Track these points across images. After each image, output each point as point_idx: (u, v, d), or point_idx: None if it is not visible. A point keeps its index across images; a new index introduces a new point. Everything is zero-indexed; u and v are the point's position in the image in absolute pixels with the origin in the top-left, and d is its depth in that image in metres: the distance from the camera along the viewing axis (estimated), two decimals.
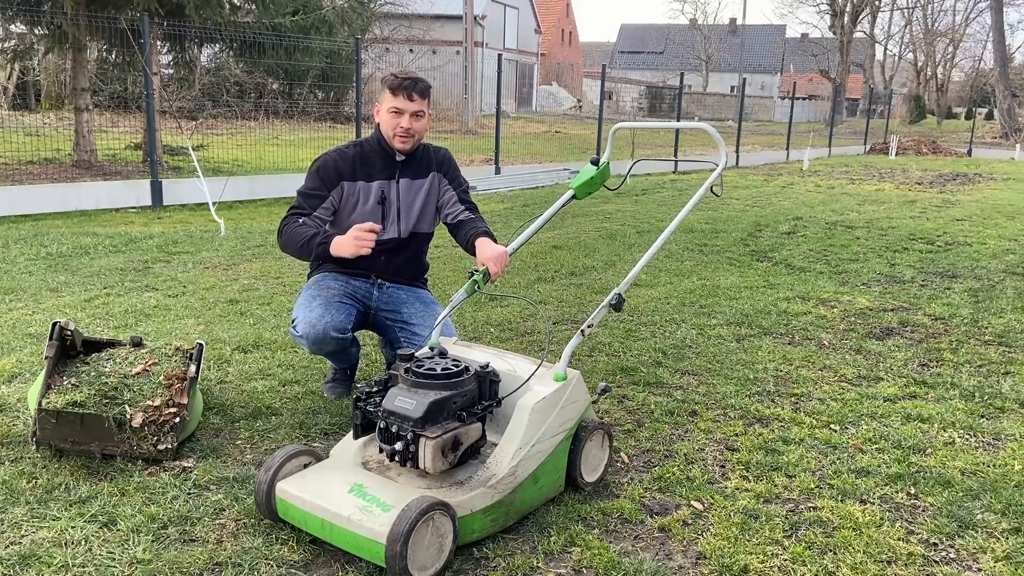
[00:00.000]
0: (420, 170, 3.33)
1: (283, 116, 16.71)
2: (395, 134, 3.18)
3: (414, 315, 3.33)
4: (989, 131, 35.29)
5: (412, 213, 3.34)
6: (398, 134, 3.17)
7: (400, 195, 3.29)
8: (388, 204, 3.27)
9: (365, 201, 3.24)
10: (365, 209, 3.23)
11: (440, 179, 3.38)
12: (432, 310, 3.38)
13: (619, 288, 2.72)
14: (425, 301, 3.43)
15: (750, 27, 57.51)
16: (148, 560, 2.20)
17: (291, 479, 2.35)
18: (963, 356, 4.23)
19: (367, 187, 3.23)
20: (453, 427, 2.31)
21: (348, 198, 3.22)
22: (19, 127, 11.90)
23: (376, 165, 3.25)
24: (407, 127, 3.16)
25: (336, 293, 3.24)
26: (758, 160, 19.36)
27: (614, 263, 6.38)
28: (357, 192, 3.22)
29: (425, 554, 2.11)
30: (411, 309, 3.35)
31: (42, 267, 5.60)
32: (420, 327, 3.27)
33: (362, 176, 3.23)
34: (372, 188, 3.24)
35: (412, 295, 3.42)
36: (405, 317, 3.33)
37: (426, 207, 3.37)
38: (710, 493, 2.68)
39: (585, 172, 3.18)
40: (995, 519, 2.56)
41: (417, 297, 3.42)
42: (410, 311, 3.35)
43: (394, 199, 3.28)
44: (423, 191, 3.34)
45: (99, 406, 2.73)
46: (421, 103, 3.16)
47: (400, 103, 3.12)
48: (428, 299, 3.47)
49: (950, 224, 9.14)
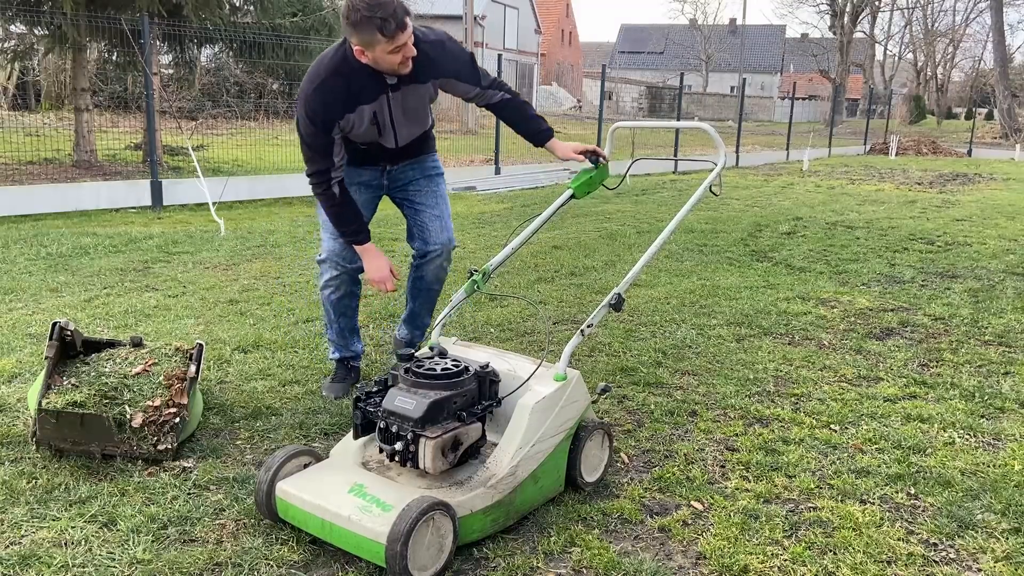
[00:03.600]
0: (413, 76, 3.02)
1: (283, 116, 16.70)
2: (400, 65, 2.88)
3: (418, 193, 3.41)
4: (989, 131, 35.28)
5: (410, 123, 3.22)
6: (403, 63, 2.87)
7: (391, 110, 3.09)
8: (382, 123, 3.12)
9: (360, 125, 3.06)
10: (360, 131, 3.09)
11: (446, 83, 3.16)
12: (435, 184, 3.44)
13: (619, 288, 2.72)
14: (429, 174, 3.44)
15: (750, 27, 57.54)
16: (148, 560, 2.20)
17: (291, 479, 2.35)
18: (963, 356, 4.23)
19: (360, 112, 3.02)
20: (453, 427, 2.31)
21: (346, 124, 3.04)
22: (19, 127, 11.90)
23: (365, 88, 2.98)
24: (408, 56, 2.87)
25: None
26: (758, 160, 19.36)
27: (614, 263, 6.37)
28: (351, 120, 3.03)
29: (425, 554, 2.11)
30: (416, 187, 3.41)
31: (42, 267, 5.60)
32: (423, 205, 3.41)
33: (351, 106, 2.99)
34: (364, 112, 3.03)
35: (418, 170, 3.42)
36: (411, 195, 3.42)
37: (423, 110, 3.26)
38: (710, 493, 2.68)
39: (584, 171, 3.18)
40: (995, 519, 2.56)
41: (423, 171, 3.43)
42: (415, 188, 3.41)
43: (387, 117, 3.11)
44: (416, 98, 3.14)
45: (99, 406, 2.73)
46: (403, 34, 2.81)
47: (393, 44, 2.78)
48: (432, 170, 3.46)
49: (950, 224, 9.14)
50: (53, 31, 10.38)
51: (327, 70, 2.93)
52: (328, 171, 3.04)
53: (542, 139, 3.31)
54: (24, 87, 16.23)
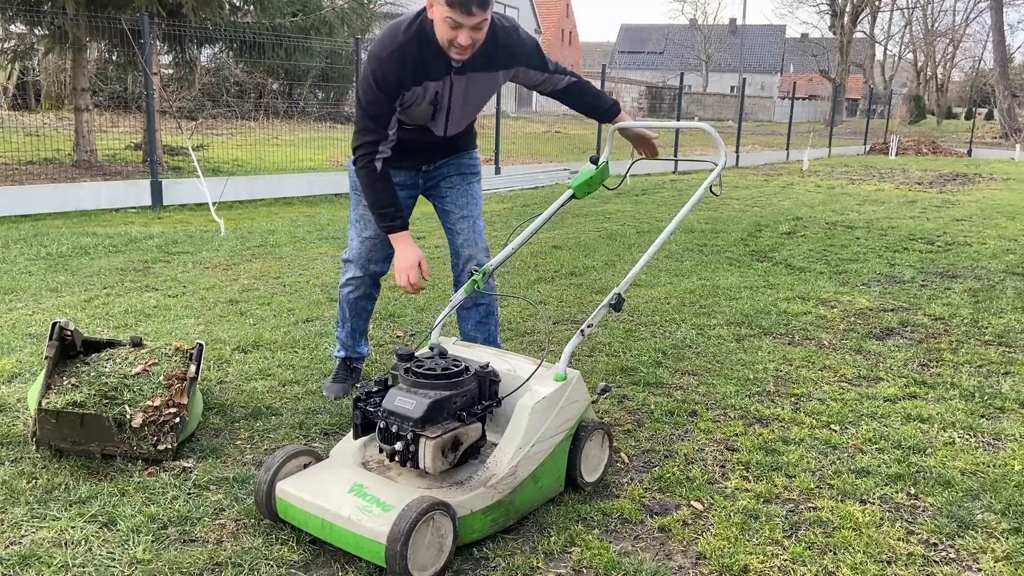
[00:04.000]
0: (486, 63, 2.92)
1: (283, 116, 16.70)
2: (451, 45, 2.72)
3: (450, 191, 3.30)
4: (989, 131, 35.28)
5: (465, 112, 3.10)
6: (455, 48, 2.72)
7: (452, 96, 2.97)
8: (440, 107, 3.00)
9: (420, 103, 2.94)
10: (418, 110, 2.97)
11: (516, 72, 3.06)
12: (467, 183, 3.31)
13: (619, 288, 2.72)
14: (463, 171, 3.31)
15: (750, 27, 57.56)
16: (148, 560, 2.20)
17: (291, 479, 2.35)
18: (963, 356, 4.23)
19: (424, 88, 2.90)
20: (453, 427, 2.31)
21: (408, 99, 2.91)
22: (19, 127, 11.90)
23: (433, 64, 2.84)
24: (465, 44, 2.70)
25: None
26: (758, 160, 19.36)
27: (614, 263, 6.38)
28: (416, 94, 2.90)
29: (425, 554, 2.11)
30: (448, 184, 3.31)
31: (42, 267, 5.60)
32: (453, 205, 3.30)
33: (420, 79, 2.86)
34: (428, 89, 2.90)
35: (454, 167, 3.31)
36: (442, 192, 3.32)
37: (483, 100, 3.12)
38: (710, 493, 2.68)
39: (584, 171, 3.18)
40: (995, 519, 2.56)
41: (458, 168, 3.31)
42: (447, 185, 3.31)
43: (446, 102, 2.98)
44: (484, 86, 3.03)
45: (99, 406, 2.73)
46: (483, 14, 2.65)
47: (457, 15, 2.63)
48: (468, 167, 3.33)
49: (950, 224, 9.14)
50: (53, 31, 10.38)
51: (405, 36, 2.81)
52: (378, 144, 2.90)
53: (611, 115, 3.26)
54: (24, 87, 16.23)
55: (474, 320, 3.38)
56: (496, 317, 3.45)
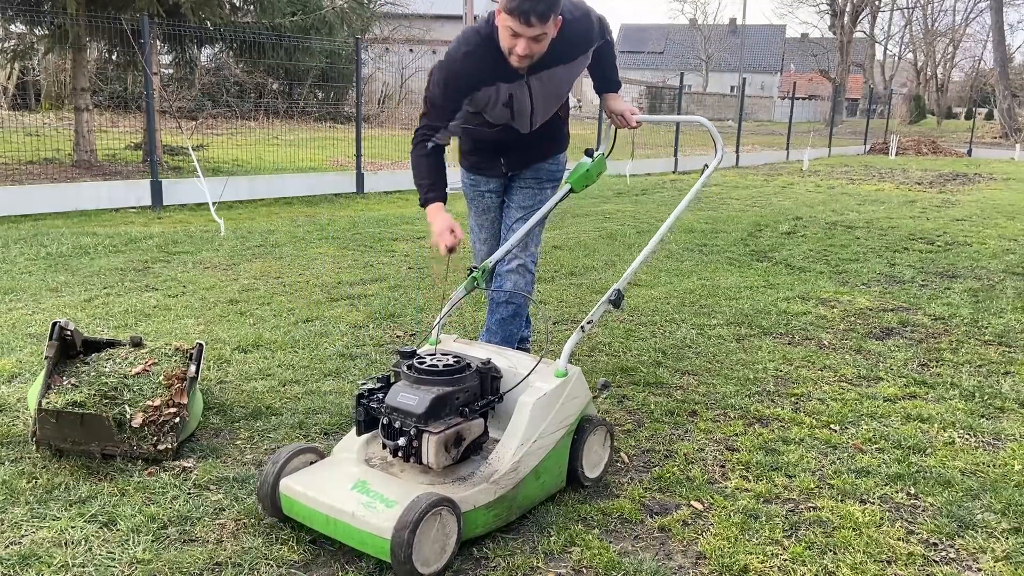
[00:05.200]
0: (565, 53, 2.93)
1: (283, 116, 16.71)
2: (511, 53, 2.75)
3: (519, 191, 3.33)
4: (989, 131, 35.27)
5: (546, 107, 3.11)
6: (514, 56, 2.75)
7: (532, 94, 2.99)
8: (517, 108, 3.01)
9: (495, 104, 2.97)
10: (495, 110, 3.01)
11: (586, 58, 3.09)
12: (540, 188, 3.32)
13: (618, 284, 2.73)
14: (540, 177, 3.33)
15: (750, 27, 57.56)
16: (148, 560, 2.20)
17: (295, 476, 2.36)
18: (963, 356, 4.23)
19: (495, 90, 2.92)
20: (456, 423, 2.32)
21: (480, 99, 2.95)
22: (19, 127, 11.90)
23: (505, 67, 2.85)
24: (523, 54, 2.73)
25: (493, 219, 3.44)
26: (758, 160, 19.36)
27: (614, 263, 6.37)
28: (489, 95, 2.94)
29: (430, 548, 2.12)
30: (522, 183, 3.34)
31: (42, 267, 5.60)
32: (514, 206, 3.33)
33: (491, 80, 2.89)
34: (500, 91, 2.93)
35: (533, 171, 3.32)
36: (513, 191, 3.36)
37: (567, 87, 3.11)
38: (710, 493, 2.68)
39: (581, 165, 3.18)
40: (995, 519, 2.56)
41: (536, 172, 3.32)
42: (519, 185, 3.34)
43: (526, 104, 3.01)
44: (563, 77, 3.02)
45: (99, 406, 2.73)
46: (542, 27, 2.65)
47: (515, 25, 2.65)
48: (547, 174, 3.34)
49: (950, 224, 9.14)
50: (53, 31, 10.38)
51: (477, 38, 2.86)
52: (437, 130, 2.93)
53: (607, 88, 3.31)
54: (24, 87, 16.23)
55: (499, 316, 3.38)
56: (522, 320, 3.45)
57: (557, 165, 3.39)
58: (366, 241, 7.07)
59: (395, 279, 5.58)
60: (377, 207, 9.52)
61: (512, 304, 3.33)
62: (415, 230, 7.72)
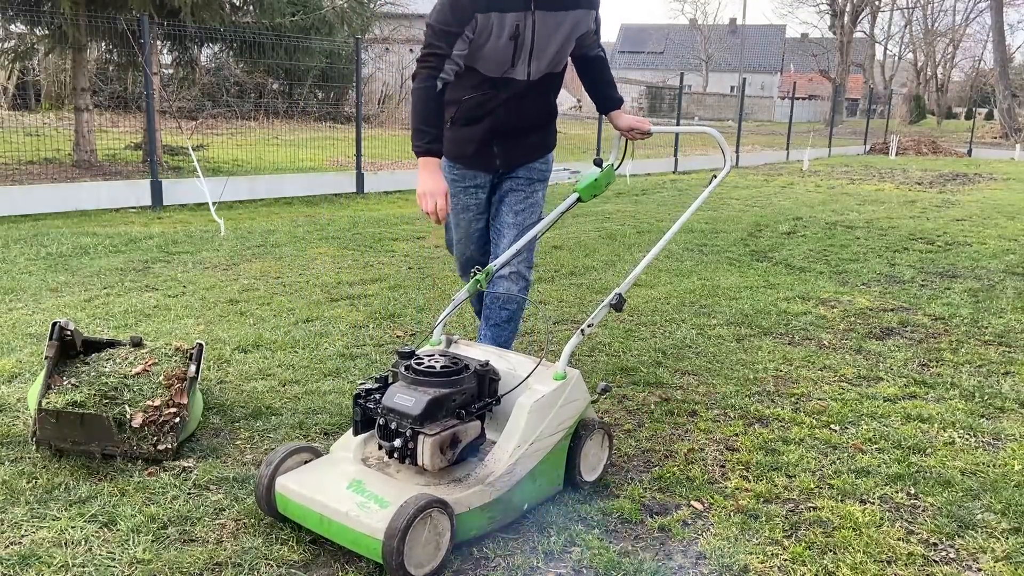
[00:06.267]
0: (565, 4, 2.91)
1: (283, 116, 16.71)
2: None
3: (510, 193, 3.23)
4: (989, 131, 35.27)
5: (547, 52, 2.98)
6: None
7: (536, 30, 2.89)
8: (521, 42, 2.89)
9: (498, 36, 2.85)
10: (498, 45, 2.88)
11: (588, 15, 3.02)
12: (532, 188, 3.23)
13: (620, 288, 2.73)
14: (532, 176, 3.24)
15: (750, 27, 57.56)
16: (148, 560, 2.20)
17: (290, 475, 2.36)
18: (963, 356, 4.23)
19: (501, 19, 2.82)
20: (452, 424, 2.32)
21: (482, 31, 2.83)
22: (19, 127, 11.90)
23: None
24: None
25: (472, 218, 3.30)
26: (758, 160, 19.36)
27: (614, 263, 6.38)
28: (491, 24, 2.83)
29: (422, 551, 2.12)
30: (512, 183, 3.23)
31: (42, 267, 5.60)
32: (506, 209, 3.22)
33: (496, 4, 2.80)
34: (506, 20, 2.83)
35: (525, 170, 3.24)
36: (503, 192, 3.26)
37: (564, 45, 3.02)
38: (710, 493, 2.68)
39: (589, 174, 3.18)
40: (995, 519, 2.56)
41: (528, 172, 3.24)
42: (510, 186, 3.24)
43: (529, 36, 2.89)
44: (565, 26, 2.95)
45: (99, 406, 2.73)
46: None
47: None
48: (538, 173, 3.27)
49: (950, 224, 9.14)
50: (53, 31, 10.38)
51: None
52: (444, 60, 2.81)
53: (612, 107, 3.28)
54: (24, 87, 16.23)
55: (493, 320, 3.31)
56: (516, 325, 3.38)
57: (547, 165, 3.35)
58: (366, 241, 7.07)
59: (395, 279, 5.59)
60: (377, 207, 9.52)
61: (506, 310, 3.29)
62: (415, 230, 7.72)
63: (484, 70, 2.98)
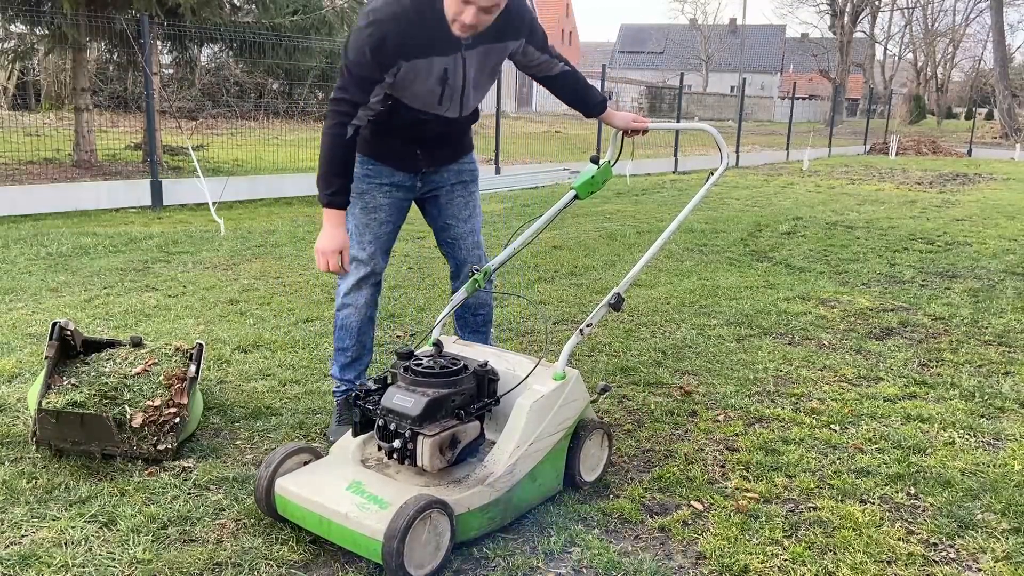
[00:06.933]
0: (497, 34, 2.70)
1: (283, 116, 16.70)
2: (455, 20, 2.53)
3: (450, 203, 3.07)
4: (989, 131, 35.27)
5: (477, 91, 2.86)
6: (458, 24, 2.53)
7: (466, 73, 2.73)
8: (451, 86, 2.73)
9: (425, 79, 2.67)
10: (424, 89, 2.70)
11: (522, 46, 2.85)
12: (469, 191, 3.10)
13: (619, 288, 2.72)
14: (464, 179, 3.10)
15: (750, 27, 57.52)
16: (148, 560, 2.20)
17: (290, 476, 2.36)
18: (963, 356, 4.23)
19: (428, 64, 2.64)
20: (451, 425, 2.32)
21: (407, 74, 2.63)
22: (19, 127, 11.89)
23: (439, 36, 2.60)
24: (469, 23, 2.51)
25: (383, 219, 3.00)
26: (758, 160, 19.36)
27: (614, 263, 6.38)
28: (417, 69, 2.63)
29: (422, 552, 2.12)
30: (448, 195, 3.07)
31: (42, 267, 5.60)
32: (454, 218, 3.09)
33: (423, 51, 2.60)
34: (433, 65, 2.65)
35: (453, 173, 3.07)
36: (441, 203, 3.08)
37: (493, 77, 2.89)
38: (710, 493, 2.68)
39: (586, 172, 3.18)
40: (995, 519, 2.56)
41: (458, 175, 3.08)
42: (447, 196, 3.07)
43: (459, 81, 2.73)
44: (494, 61, 2.81)
45: (99, 406, 2.73)
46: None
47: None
48: (468, 174, 3.12)
49: (950, 224, 9.14)
50: (53, 31, 10.38)
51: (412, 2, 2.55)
52: (358, 106, 2.61)
53: (599, 110, 3.17)
54: (24, 87, 16.23)
55: (471, 328, 3.27)
56: (490, 327, 3.36)
57: (473, 164, 3.16)
58: None
59: (395, 279, 5.58)
60: None
61: (481, 313, 3.25)
62: (415, 230, 7.72)
63: (409, 103, 2.77)
